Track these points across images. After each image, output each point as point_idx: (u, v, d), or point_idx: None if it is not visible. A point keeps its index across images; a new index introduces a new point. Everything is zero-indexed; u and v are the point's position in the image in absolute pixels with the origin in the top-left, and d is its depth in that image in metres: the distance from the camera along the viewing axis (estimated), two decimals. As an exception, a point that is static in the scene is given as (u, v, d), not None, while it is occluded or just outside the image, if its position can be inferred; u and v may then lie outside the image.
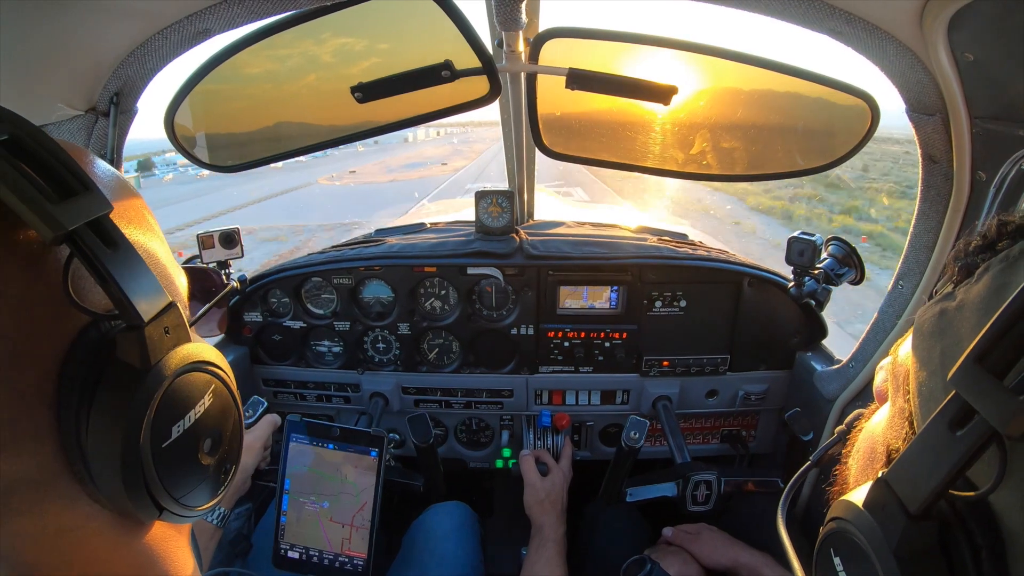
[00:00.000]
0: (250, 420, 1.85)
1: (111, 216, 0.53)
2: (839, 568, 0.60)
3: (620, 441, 1.86)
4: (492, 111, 2.19)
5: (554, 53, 1.56)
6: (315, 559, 1.68)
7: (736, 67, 1.54)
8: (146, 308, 0.54)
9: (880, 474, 0.55)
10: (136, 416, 0.52)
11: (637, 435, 1.82)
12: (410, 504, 2.02)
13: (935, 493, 0.49)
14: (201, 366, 0.61)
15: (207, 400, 0.62)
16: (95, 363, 0.52)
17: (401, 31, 1.60)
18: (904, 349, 0.65)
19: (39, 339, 0.50)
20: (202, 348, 0.62)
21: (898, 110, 1.50)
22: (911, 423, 0.58)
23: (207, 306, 2.07)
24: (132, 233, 0.60)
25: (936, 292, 0.60)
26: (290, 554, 1.68)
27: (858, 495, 0.58)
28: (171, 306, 0.58)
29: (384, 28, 1.58)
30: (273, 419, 1.89)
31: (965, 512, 0.49)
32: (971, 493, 0.49)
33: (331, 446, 1.73)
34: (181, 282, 0.70)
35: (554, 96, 1.68)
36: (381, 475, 1.71)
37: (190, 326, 0.66)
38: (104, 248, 0.51)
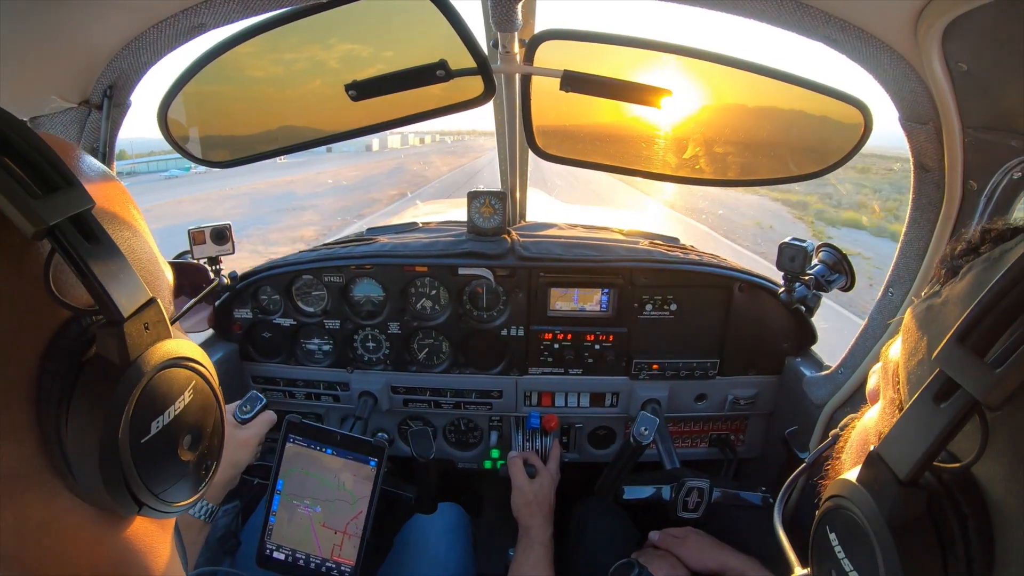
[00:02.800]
0: (248, 415, 1.82)
1: (94, 211, 0.54)
2: (835, 544, 0.61)
3: (628, 437, 1.85)
4: (487, 120, 2.19)
5: (549, 55, 1.56)
6: (301, 562, 1.66)
7: (731, 72, 1.55)
8: (126, 304, 0.54)
9: (871, 448, 0.58)
10: (114, 412, 0.53)
11: (647, 431, 1.81)
12: (397, 510, 2.01)
13: (924, 459, 0.51)
14: (181, 362, 0.62)
15: (187, 396, 0.62)
16: (75, 358, 0.53)
17: (396, 30, 1.60)
18: (894, 348, 0.67)
19: (20, 334, 0.51)
20: (182, 344, 0.62)
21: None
22: (901, 410, 0.60)
23: (191, 302, 2.05)
24: (115, 228, 0.61)
25: (924, 292, 0.64)
26: (275, 555, 1.66)
27: (852, 473, 0.60)
28: (151, 302, 0.58)
29: (379, 27, 1.58)
30: (270, 417, 1.88)
31: (952, 483, 0.52)
32: (957, 464, 0.52)
33: (330, 451, 1.71)
34: (166, 278, 0.70)
35: (548, 98, 1.68)
36: (378, 486, 1.70)
37: (173, 322, 0.66)
38: (85, 243, 0.51)
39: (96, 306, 0.53)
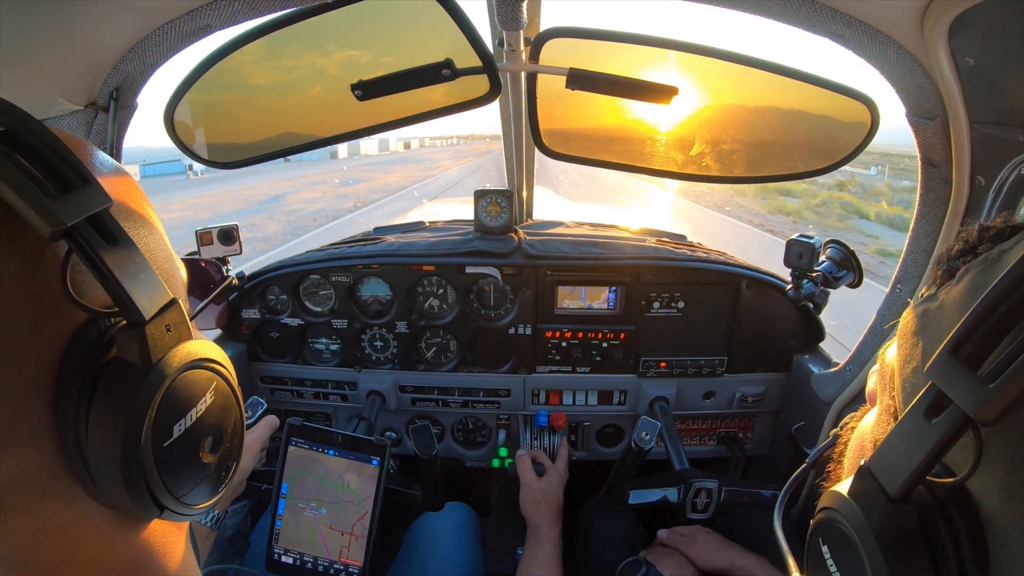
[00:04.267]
0: (249, 421, 1.82)
1: (111, 210, 0.52)
2: (827, 556, 0.61)
3: (630, 441, 1.84)
4: (485, 123, 2.17)
5: (555, 53, 1.56)
6: (309, 565, 1.66)
7: (737, 69, 1.54)
8: (147, 305, 0.53)
9: (862, 462, 0.57)
10: (137, 416, 0.52)
11: (648, 436, 1.79)
12: (406, 509, 2.00)
13: (913, 477, 0.51)
14: (203, 363, 0.60)
15: (209, 398, 0.61)
16: (94, 361, 0.52)
17: (402, 29, 1.60)
18: (891, 351, 0.67)
19: (37, 336, 0.49)
20: (204, 345, 0.61)
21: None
22: (896, 418, 0.60)
23: (205, 301, 2.06)
24: (132, 227, 0.59)
25: (921, 295, 0.63)
26: (284, 559, 1.66)
27: (843, 485, 0.60)
28: (172, 303, 0.57)
29: (385, 26, 1.58)
30: (272, 421, 1.87)
31: (945, 498, 0.51)
32: (950, 480, 0.51)
33: (332, 452, 1.70)
34: (181, 276, 0.69)
35: (554, 96, 1.68)
36: (381, 485, 1.69)
37: (191, 319, 0.65)
38: (104, 244, 0.50)
39: (115, 307, 0.53)
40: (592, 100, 1.65)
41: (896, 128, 1.72)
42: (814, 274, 2.01)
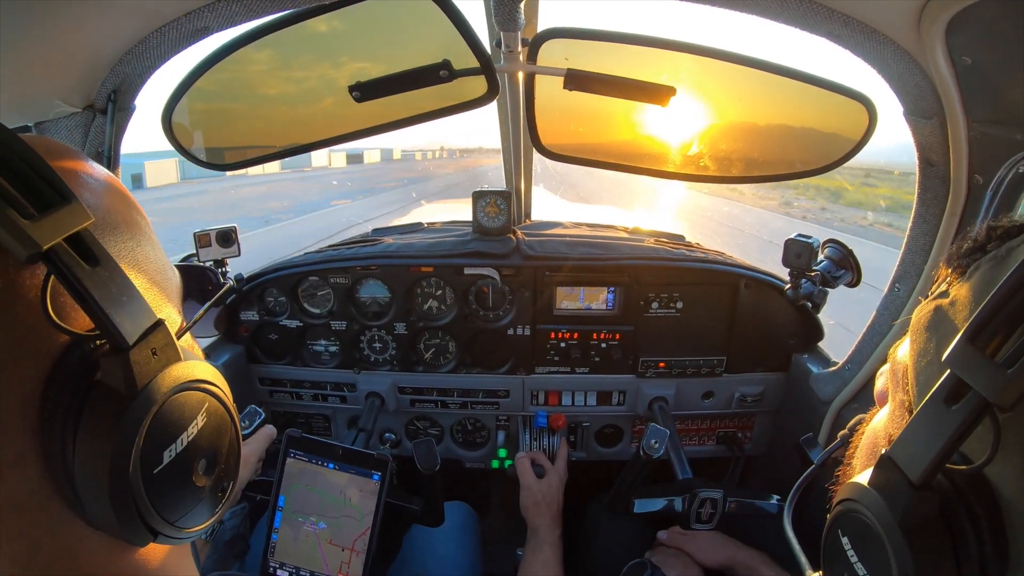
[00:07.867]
0: (247, 431, 1.79)
1: (95, 226, 0.51)
2: (847, 548, 0.61)
3: (638, 449, 1.82)
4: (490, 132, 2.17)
5: (552, 53, 1.56)
6: None
7: (735, 69, 1.54)
8: (131, 329, 0.52)
9: (883, 451, 0.58)
10: (123, 445, 0.50)
11: (657, 444, 1.77)
12: (404, 518, 1.98)
13: (936, 462, 0.51)
14: (192, 385, 0.59)
15: (200, 420, 0.59)
16: (79, 387, 0.50)
17: (399, 30, 1.59)
18: (902, 349, 0.67)
19: (19, 362, 0.48)
20: (194, 367, 0.59)
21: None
22: (911, 412, 0.60)
23: (203, 309, 2.04)
24: (118, 242, 0.59)
25: (931, 292, 0.64)
26: (279, 572, 1.63)
27: (863, 476, 0.60)
28: (158, 324, 0.55)
29: (382, 27, 1.58)
30: (270, 431, 1.84)
31: (964, 485, 0.52)
32: (969, 466, 0.52)
33: (332, 465, 1.67)
34: (175, 286, 0.68)
35: (552, 96, 1.68)
36: (382, 500, 1.66)
37: (184, 332, 0.63)
38: (83, 265, 0.49)
39: (98, 330, 0.51)
40: (590, 101, 1.65)
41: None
42: (812, 273, 2.01)
